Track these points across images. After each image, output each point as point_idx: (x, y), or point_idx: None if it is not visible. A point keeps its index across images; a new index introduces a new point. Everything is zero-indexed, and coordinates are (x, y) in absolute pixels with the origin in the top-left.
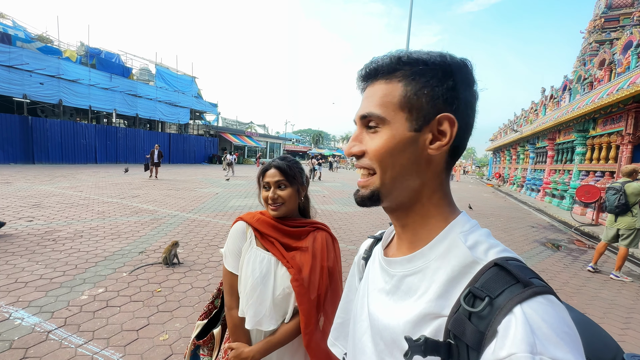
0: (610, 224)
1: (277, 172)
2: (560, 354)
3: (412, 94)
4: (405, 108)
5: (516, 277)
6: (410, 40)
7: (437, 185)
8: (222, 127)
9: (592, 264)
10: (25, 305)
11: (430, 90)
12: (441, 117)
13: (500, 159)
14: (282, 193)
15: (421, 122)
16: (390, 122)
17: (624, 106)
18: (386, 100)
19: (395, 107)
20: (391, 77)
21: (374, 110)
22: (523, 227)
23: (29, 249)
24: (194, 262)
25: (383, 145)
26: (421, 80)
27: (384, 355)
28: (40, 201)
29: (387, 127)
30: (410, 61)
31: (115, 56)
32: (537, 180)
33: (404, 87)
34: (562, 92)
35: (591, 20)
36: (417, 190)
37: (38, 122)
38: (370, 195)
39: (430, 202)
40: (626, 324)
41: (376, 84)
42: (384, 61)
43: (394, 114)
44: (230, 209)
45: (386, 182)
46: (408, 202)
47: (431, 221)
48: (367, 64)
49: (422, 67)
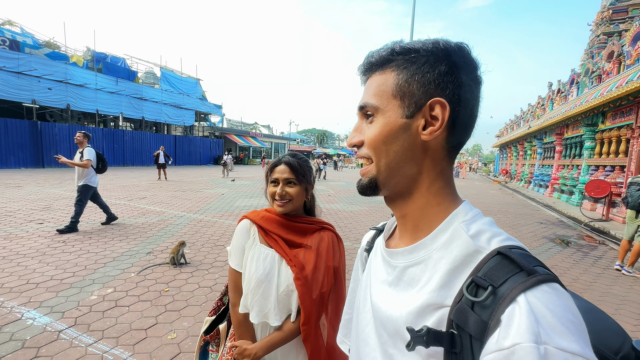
0: (630, 220)
1: (287, 168)
2: (565, 343)
3: (404, 81)
4: (397, 96)
5: (520, 265)
6: (414, 37)
7: (437, 174)
8: (227, 128)
9: (618, 262)
10: (36, 306)
11: (422, 77)
12: (432, 101)
13: (507, 155)
14: (290, 190)
15: (413, 109)
16: (384, 110)
17: (634, 99)
18: (380, 89)
19: (388, 95)
20: (385, 67)
21: (369, 100)
22: (531, 224)
23: (40, 251)
24: (201, 262)
25: (377, 132)
26: (412, 68)
27: (387, 346)
28: (50, 204)
29: (381, 116)
30: (402, 51)
31: (121, 60)
32: (545, 176)
33: (396, 76)
34: (570, 85)
35: (599, 12)
36: (414, 178)
37: (47, 127)
38: (368, 183)
39: (430, 192)
40: (639, 320)
41: (373, 76)
42: (380, 54)
43: (387, 103)
44: (236, 209)
45: (382, 169)
46: (406, 190)
47: (432, 211)
48: (365, 58)
49: (414, 54)
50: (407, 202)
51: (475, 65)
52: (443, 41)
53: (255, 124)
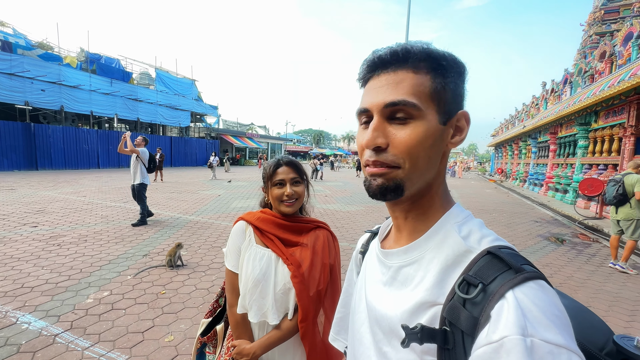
0: (613, 216)
1: (290, 169)
2: (550, 335)
3: (441, 87)
4: (435, 100)
5: (508, 263)
6: (410, 38)
7: (443, 177)
8: (223, 129)
9: (612, 260)
10: (31, 310)
11: (455, 87)
12: (461, 113)
13: (502, 155)
14: (297, 189)
15: (447, 117)
16: (425, 113)
17: (626, 98)
18: (419, 89)
19: (427, 97)
20: (418, 67)
21: (408, 98)
22: (526, 222)
23: (34, 254)
24: (198, 263)
25: (418, 137)
26: (447, 75)
27: (382, 344)
28: (45, 207)
29: (420, 119)
30: (435, 55)
31: (115, 61)
32: (539, 174)
33: (432, 79)
34: (563, 85)
35: (591, 13)
36: (430, 183)
37: (40, 129)
38: (394, 187)
39: (437, 194)
40: (632, 317)
41: (400, 72)
42: (407, 49)
43: (427, 105)
44: (232, 211)
45: (414, 176)
46: (418, 194)
47: (431, 211)
48: (387, 49)
49: (444, 62)
50: (415, 205)
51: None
52: (453, 55)
53: (251, 125)
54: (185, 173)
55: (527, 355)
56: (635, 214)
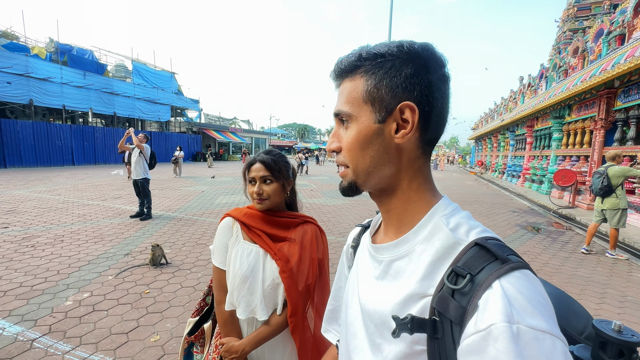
0: (597, 206)
1: (262, 166)
2: (535, 322)
3: (373, 87)
4: (368, 101)
5: (495, 254)
6: (393, 31)
7: (415, 172)
8: (205, 123)
9: (585, 246)
10: (5, 315)
11: (389, 81)
12: (402, 105)
13: (482, 147)
14: (267, 188)
15: (384, 113)
16: (357, 116)
17: (597, 92)
18: (352, 96)
19: (359, 102)
20: (355, 73)
21: (342, 107)
22: (505, 212)
23: (6, 257)
24: (182, 261)
25: (352, 139)
26: (380, 72)
27: (375, 337)
28: (16, 207)
29: (354, 122)
30: (369, 56)
31: (89, 52)
32: (517, 166)
33: (365, 82)
34: (539, 80)
35: (565, 9)
36: (394, 177)
37: (8, 124)
38: (348, 187)
39: (411, 188)
40: (601, 299)
41: (344, 82)
42: (348, 60)
43: (359, 109)
44: (217, 207)
45: (359, 173)
46: (388, 188)
47: (413, 206)
48: (335, 64)
49: (380, 59)
50: (391, 198)
51: (442, 63)
52: (407, 43)
53: (234, 119)
54: (167, 169)
55: (513, 342)
56: (621, 204)
